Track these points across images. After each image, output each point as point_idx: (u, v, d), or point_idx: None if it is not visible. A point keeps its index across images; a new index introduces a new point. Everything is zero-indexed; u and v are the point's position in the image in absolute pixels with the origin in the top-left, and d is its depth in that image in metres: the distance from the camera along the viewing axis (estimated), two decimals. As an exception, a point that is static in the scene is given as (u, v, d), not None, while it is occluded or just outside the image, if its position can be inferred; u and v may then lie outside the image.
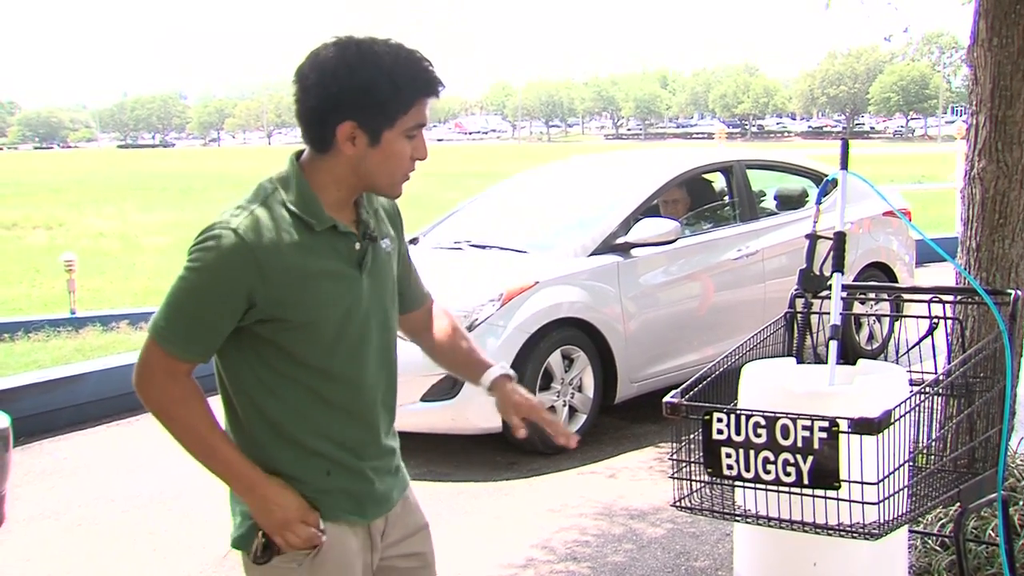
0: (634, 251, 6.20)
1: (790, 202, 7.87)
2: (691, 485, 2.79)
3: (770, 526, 2.63)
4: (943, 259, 3.67)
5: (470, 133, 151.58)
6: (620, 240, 6.17)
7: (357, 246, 2.11)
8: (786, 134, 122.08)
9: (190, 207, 25.63)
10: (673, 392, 2.80)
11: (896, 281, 7.92)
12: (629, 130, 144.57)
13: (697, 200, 7.19)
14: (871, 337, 7.79)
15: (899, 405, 2.52)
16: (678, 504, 2.81)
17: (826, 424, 2.46)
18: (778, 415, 2.52)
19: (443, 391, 5.53)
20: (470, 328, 5.58)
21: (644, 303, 6.22)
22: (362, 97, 1.99)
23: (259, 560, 2.10)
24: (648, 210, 6.54)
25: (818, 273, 3.60)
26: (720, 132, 15.57)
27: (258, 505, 2.08)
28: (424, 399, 5.55)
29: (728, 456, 2.60)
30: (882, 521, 2.54)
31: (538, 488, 5.31)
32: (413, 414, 5.58)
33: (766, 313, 6.96)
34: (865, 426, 2.42)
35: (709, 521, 4.66)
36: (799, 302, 3.65)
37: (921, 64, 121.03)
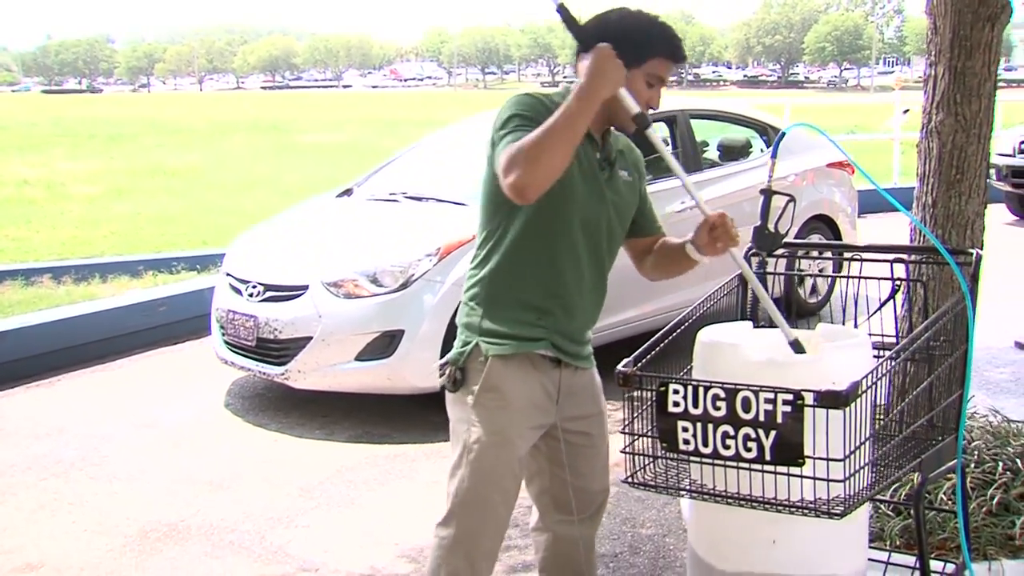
0: (576, 204, 6.01)
1: (733, 153, 7.75)
2: (643, 460, 2.63)
3: (728, 503, 2.47)
4: (882, 211, 3.57)
5: (405, 80, 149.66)
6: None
7: (598, 155, 2.68)
8: (722, 83, 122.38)
9: (119, 155, 24.91)
10: (625, 361, 2.62)
11: (839, 233, 7.85)
12: (565, 77, 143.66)
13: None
14: (814, 290, 7.72)
15: (867, 376, 2.36)
16: (630, 480, 2.64)
17: (790, 397, 2.30)
18: (739, 387, 2.36)
19: (378, 350, 5.33)
20: (405, 284, 5.38)
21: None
22: (622, 36, 2.54)
23: (451, 389, 2.66)
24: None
25: (773, 230, 3.43)
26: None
27: (586, 79, 2.42)
28: (359, 358, 5.35)
29: (684, 430, 2.43)
30: (846, 496, 2.40)
31: (479, 450, 5.15)
32: (348, 374, 5.38)
33: (710, 266, 6.83)
34: (832, 399, 2.26)
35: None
36: (753, 261, 3.49)
37: (855, 15, 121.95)
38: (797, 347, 2.68)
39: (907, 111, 15.18)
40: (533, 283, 2.63)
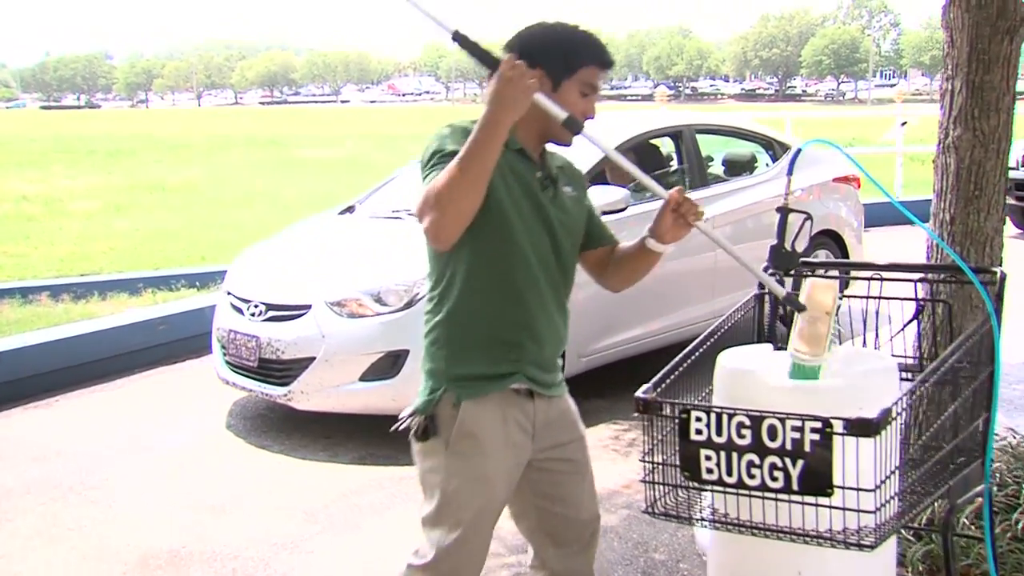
0: (582, 220, 5.93)
1: (738, 168, 7.68)
2: (663, 489, 2.53)
3: (752, 534, 2.38)
4: (887, 224, 3.46)
5: (403, 95, 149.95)
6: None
7: (538, 174, 2.57)
8: (719, 96, 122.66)
9: (118, 171, 24.85)
10: (644, 387, 2.54)
11: (846, 248, 7.77)
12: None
13: (645, 166, 6.92)
14: (820, 306, 7.63)
15: (897, 402, 2.28)
16: (651, 511, 2.55)
17: (819, 425, 2.21)
18: (764, 414, 2.27)
19: (382, 370, 5.24)
20: (409, 304, 5.29)
21: (589, 276, 5.95)
22: (551, 49, 2.50)
23: (421, 439, 2.53)
24: (595, 177, 6.26)
25: (790, 249, 3.34)
26: (661, 95, 15.21)
27: (492, 103, 2.25)
28: (363, 378, 5.25)
29: (708, 459, 2.34)
30: (876, 526, 2.31)
31: (485, 472, 5.06)
32: (351, 394, 5.29)
33: (716, 283, 6.78)
34: (862, 427, 2.18)
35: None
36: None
37: (851, 28, 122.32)
38: (793, 303, 2.62)
39: (905, 123, 15.14)
40: (495, 316, 2.52)
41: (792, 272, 3.37)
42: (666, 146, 7.50)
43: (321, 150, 30.66)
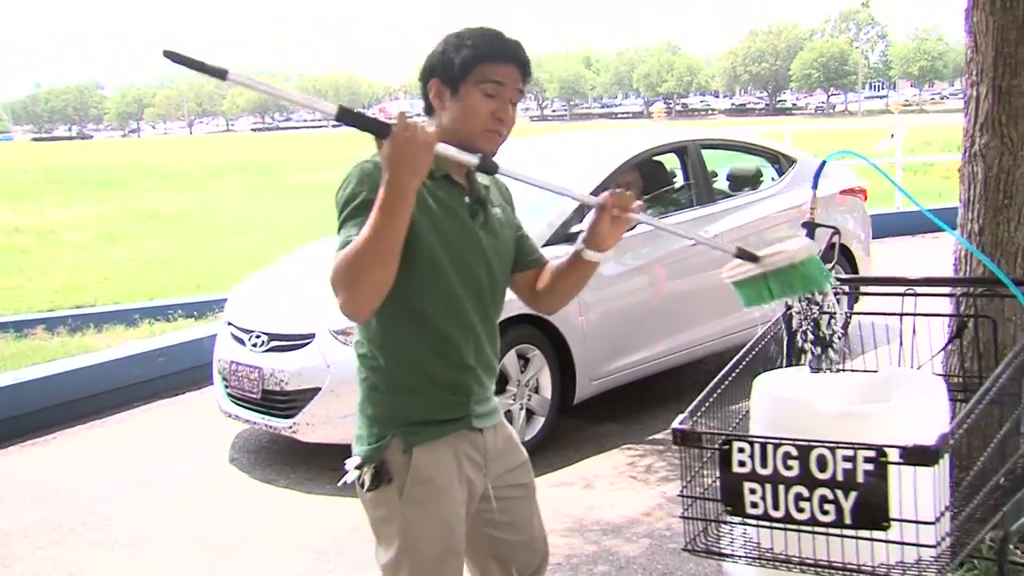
0: (589, 240, 5.80)
1: (743, 182, 7.56)
2: (702, 525, 2.39)
3: (801, 570, 2.24)
4: (888, 236, 3.31)
5: (391, 117, 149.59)
6: (575, 228, 5.76)
7: (466, 199, 2.42)
8: (710, 112, 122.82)
9: (111, 200, 24.72)
10: (681, 417, 2.39)
11: (854, 262, 7.65)
12: (554, 111, 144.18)
13: (650, 183, 6.81)
14: (829, 323, 7.49)
15: (955, 427, 2.14)
16: (691, 548, 2.40)
17: (872, 454, 2.07)
18: (812, 443, 2.13)
19: (391, 399, 5.08)
20: (418, 330, 5.14)
21: (602, 295, 5.83)
22: (441, 56, 2.36)
23: (371, 489, 2.36)
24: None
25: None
26: (659, 111, 15.10)
27: (394, 173, 2.07)
28: (371, 409, 5.10)
29: (752, 492, 2.20)
30: (934, 558, 2.17)
31: (499, 502, 4.90)
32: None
33: (726, 300, 6.61)
34: (920, 455, 2.03)
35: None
36: (796, 300, 3.25)
37: (840, 41, 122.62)
38: (746, 255, 2.54)
39: (893, 135, 15.08)
40: (435, 361, 2.38)
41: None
42: (671, 162, 7.38)
43: (314, 175, 30.53)
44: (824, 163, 3.40)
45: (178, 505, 5.14)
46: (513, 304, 5.31)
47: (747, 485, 2.20)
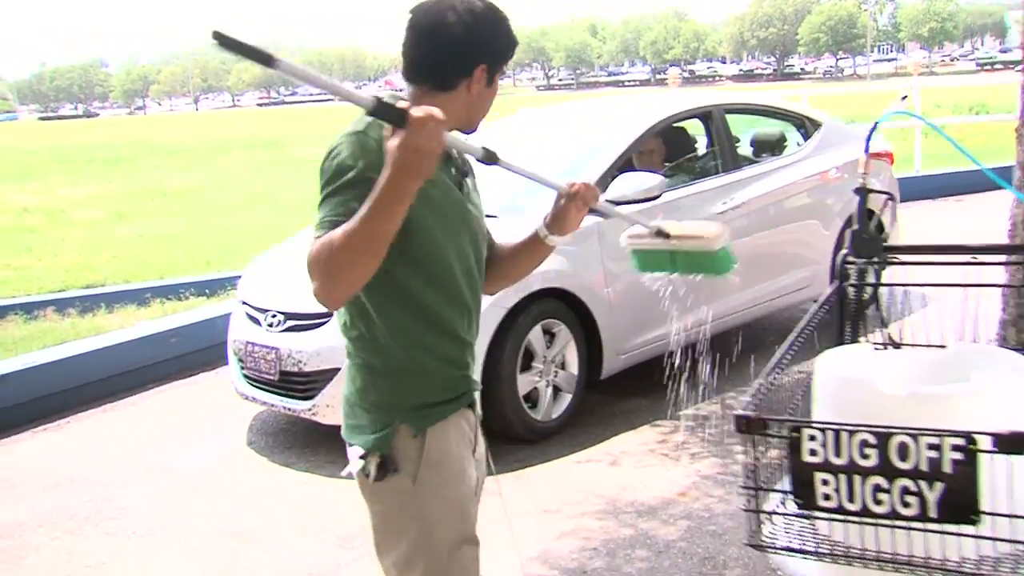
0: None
1: (767, 147, 7.34)
2: (769, 519, 2.21)
3: (879, 567, 2.06)
4: (910, 200, 3.10)
5: (400, 90, 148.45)
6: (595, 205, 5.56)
7: (453, 170, 2.31)
8: (717, 78, 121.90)
9: (119, 178, 24.57)
10: (744, 402, 2.21)
11: (882, 227, 7.43)
12: (560, 80, 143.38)
13: (672, 150, 6.60)
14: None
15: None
16: (755, 543, 2.22)
17: (961, 441, 1.88)
18: (892, 430, 1.94)
19: (414, 379, 4.91)
20: (440, 306, 4.95)
21: (628, 267, 5.61)
22: (490, 43, 2.28)
23: (378, 479, 2.21)
24: (624, 164, 5.93)
25: (872, 233, 3.01)
26: (674, 77, 14.64)
27: (399, 169, 1.87)
28: (393, 389, 4.93)
29: (825, 483, 2.02)
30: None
31: (529, 482, 4.72)
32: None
33: (754, 269, 6.45)
34: (1017, 443, 1.85)
35: (730, 515, 4.12)
36: (850, 270, 3.06)
37: (848, 3, 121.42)
38: (661, 233, 2.50)
39: (905, 97, 14.76)
40: (439, 336, 2.25)
41: (876, 260, 3.04)
42: (693, 128, 7.16)
43: (321, 149, 30.17)
44: (876, 125, 3.19)
45: (195, 491, 4.99)
46: (537, 277, 5.17)
47: (819, 476, 2.02)
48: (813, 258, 6.82)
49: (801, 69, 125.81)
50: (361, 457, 2.25)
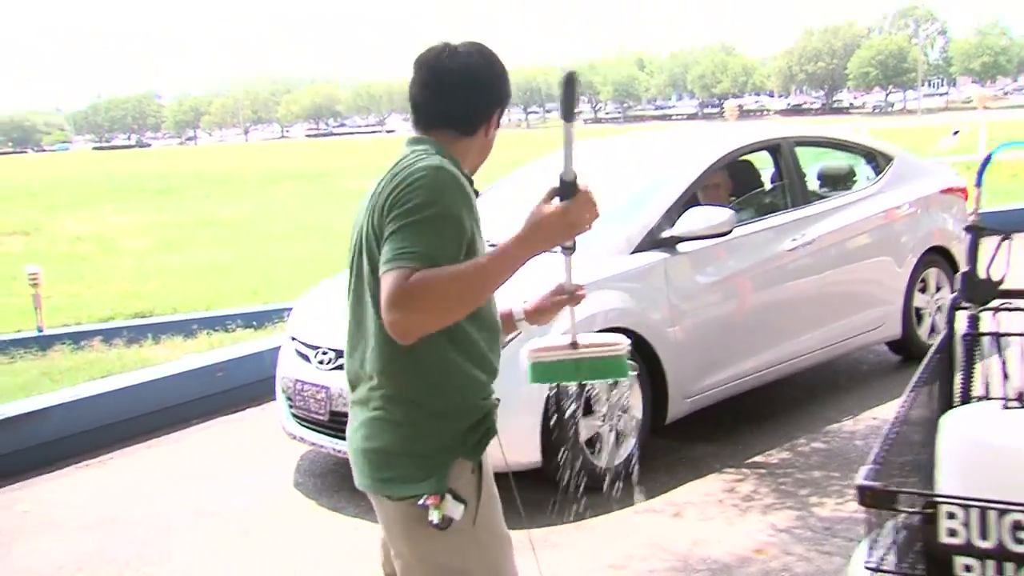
0: (680, 246, 5.34)
1: (835, 182, 7.04)
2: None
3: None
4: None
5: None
6: (666, 234, 5.31)
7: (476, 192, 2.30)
8: (764, 112, 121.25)
9: (169, 208, 24.73)
10: (866, 469, 1.94)
11: (955, 264, 7.11)
12: (607, 114, 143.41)
13: (738, 184, 6.33)
14: (933, 331, 6.98)
15: None
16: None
17: None
18: (1051, 510, 1.67)
19: (470, 422, 4.66)
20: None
21: (695, 306, 5.36)
22: (504, 91, 2.35)
23: (442, 526, 2.12)
24: (689, 200, 5.67)
25: (985, 276, 2.74)
26: (731, 109, 14.40)
27: (542, 236, 2.08)
28: (448, 432, 4.68)
29: (967, 569, 1.74)
30: None
31: (590, 535, 4.45)
32: (436, 450, 4.70)
33: (824, 309, 6.15)
34: None
35: (812, 571, 3.82)
36: (960, 316, 2.78)
37: (898, 37, 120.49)
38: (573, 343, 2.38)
39: (957, 132, 14.36)
40: (483, 369, 2.28)
41: (990, 306, 2.76)
42: (760, 162, 6.89)
43: (370, 180, 30.22)
44: (990, 157, 2.92)
45: (242, 536, 4.76)
46: (599, 316, 4.91)
47: (960, 561, 1.75)
48: (885, 298, 6.51)
49: (850, 104, 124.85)
50: (433, 504, 2.13)
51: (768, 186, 6.51)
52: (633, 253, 5.23)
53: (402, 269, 1.99)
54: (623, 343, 2.46)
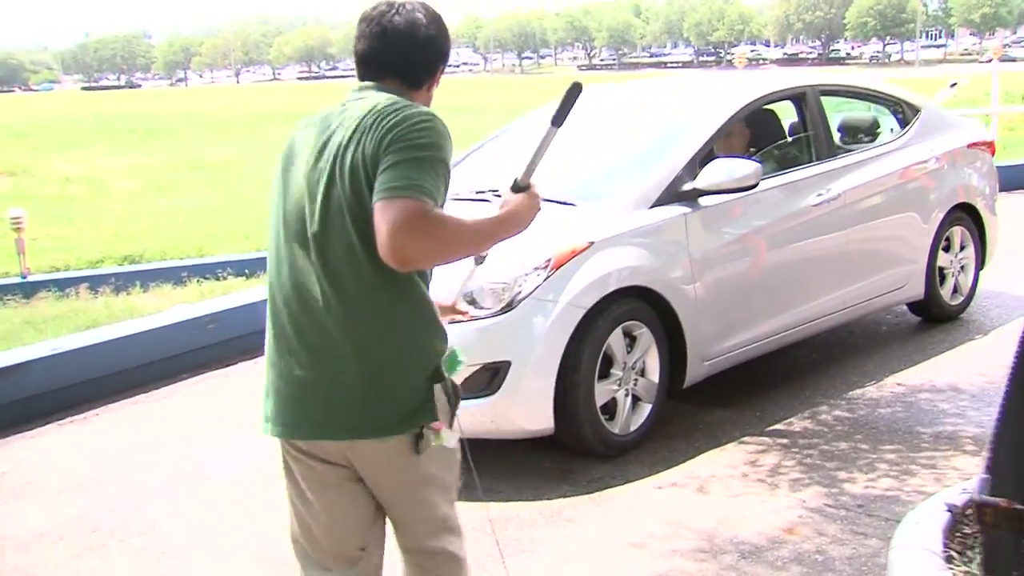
0: (703, 199, 5.02)
1: (858, 134, 6.71)
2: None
3: None
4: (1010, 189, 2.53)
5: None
6: (687, 187, 4.99)
7: None
8: (761, 61, 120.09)
9: (159, 150, 24.33)
10: (977, 483, 1.64)
11: (981, 222, 6.80)
12: (602, 60, 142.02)
13: (757, 135, 5.99)
14: (956, 290, 6.69)
15: None
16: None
17: None
18: None
19: (479, 386, 4.35)
20: (510, 305, 4.40)
21: (717, 263, 5.06)
22: (448, 48, 2.52)
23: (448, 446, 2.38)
24: (709, 153, 5.34)
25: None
26: (740, 55, 13.84)
27: (516, 220, 2.35)
28: (456, 397, 4.38)
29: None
30: None
31: (608, 508, 4.16)
32: (442, 415, 4.41)
33: (848, 268, 5.85)
34: None
35: (848, 560, 3.56)
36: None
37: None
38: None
39: (955, 84, 14.01)
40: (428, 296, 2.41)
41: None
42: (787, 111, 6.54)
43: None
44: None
45: (234, 503, 4.48)
46: (624, 272, 4.60)
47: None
48: (910, 257, 6.21)
49: (847, 54, 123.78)
50: (421, 431, 2.32)
51: (789, 138, 6.17)
52: (652, 207, 4.91)
53: (420, 200, 2.08)
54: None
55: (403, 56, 2.41)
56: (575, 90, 2.31)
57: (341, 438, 2.35)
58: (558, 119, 2.35)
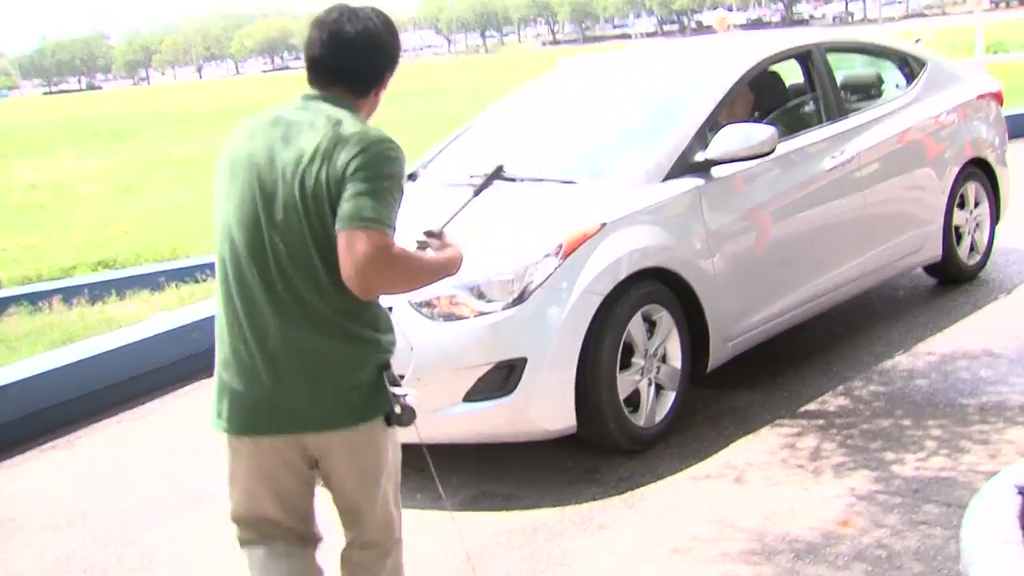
0: (715, 170, 4.70)
1: (861, 91, 6.39)
2: None
3: None
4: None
5: (405, 50, 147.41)
6: (699, 157, 4.66)
7: None
8: (732, 26, 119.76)
9: (125, 151, 23.79)
10: None
11: (993, 175, 6.52)
12: (566, 35, 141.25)
13: (762, 98, 5.67)
14: (973, 248, 6.41)
15: None
16: None
17: None
18: None
19: (494, 386, 4.02)
20: (521, 297, 4.06)
21: (735, 236, 4.75)
22: (397, 55, 2.59)
23: (405, 422, 2.55)
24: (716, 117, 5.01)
25: None
26: (720, 19, 13.46)
27: (455, 263, 2.58)
28: (468, 399, 4.02)
29: None
30: None
31: (643, 510, 3.84)
32: (455, 420, 4.06)
33: (866, 232, 5.54)
34: None
35: (916, 555, 3.26)
36: None
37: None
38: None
39: (918, 40, 13.84)
40: None
41: None
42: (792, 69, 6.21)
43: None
44: None
45: (229, 525, 4.13)
46: (641, 254, 4.25)
47: None
48: (926, 217, 5.93)
49: (810, 16, 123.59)
50: (401, 411, 2.51)
51: (796, 99, 5.85)
52: (664, 181, 4.58)
53: (383, 234, 2.26)
54: None
55: (351, 64, 2.48)
56: (498, 171, 2.89)
57: (321, 429, 2.50)
58: (478, 191, 2.86)
